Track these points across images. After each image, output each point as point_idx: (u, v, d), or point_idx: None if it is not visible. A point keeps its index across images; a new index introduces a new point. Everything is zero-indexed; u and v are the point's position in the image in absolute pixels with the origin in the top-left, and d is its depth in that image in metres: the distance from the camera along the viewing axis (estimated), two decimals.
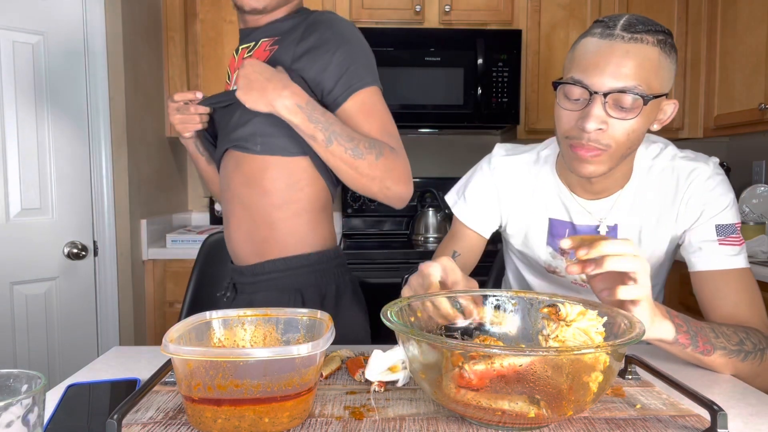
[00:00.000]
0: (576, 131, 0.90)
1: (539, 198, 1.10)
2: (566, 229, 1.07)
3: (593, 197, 1.04)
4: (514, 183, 1.12)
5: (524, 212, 1.12)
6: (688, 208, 0.99)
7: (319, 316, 0.75)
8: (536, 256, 1.13)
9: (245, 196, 1.13)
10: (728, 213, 0.97)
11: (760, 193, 2.54)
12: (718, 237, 0.96)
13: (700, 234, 0.98)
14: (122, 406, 0.61)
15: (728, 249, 0.95)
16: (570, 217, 1.07)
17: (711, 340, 0.83)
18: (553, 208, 1.08)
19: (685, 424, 0.66)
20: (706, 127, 2.67)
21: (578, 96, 0.88)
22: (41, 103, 1.96)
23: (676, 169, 1.00)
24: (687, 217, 1.00)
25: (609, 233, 1.04)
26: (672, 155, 1.02)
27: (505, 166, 1.12)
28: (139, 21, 2.33)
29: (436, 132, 2.91)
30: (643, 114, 0.87)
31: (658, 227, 1.02)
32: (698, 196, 0.98)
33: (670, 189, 1.01)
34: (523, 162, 1.12)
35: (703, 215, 0.98)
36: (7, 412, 0.44)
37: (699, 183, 0.98)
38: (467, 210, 1.15)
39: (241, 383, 0.60)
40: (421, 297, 0.76)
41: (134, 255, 2.28)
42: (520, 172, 1.11)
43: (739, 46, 2.42)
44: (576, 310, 0.71)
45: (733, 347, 0.84)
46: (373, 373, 0.74)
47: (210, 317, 0.75)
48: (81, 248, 2.08)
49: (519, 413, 0.59)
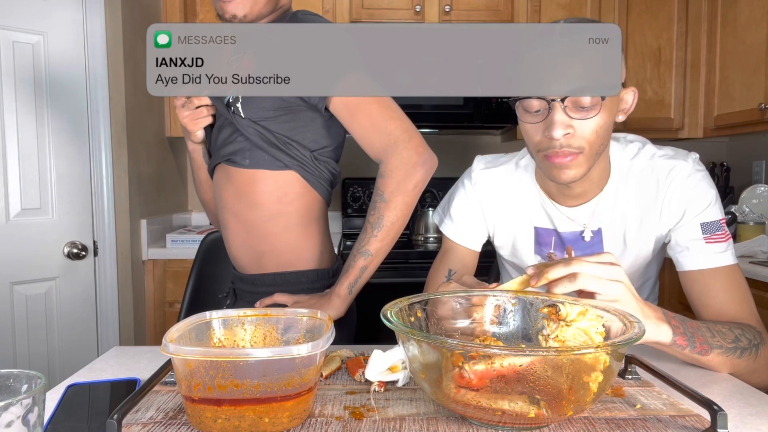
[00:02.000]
0: (546, 142, 0.90)
1: (523, 207, 1.10)
2: (552, 237, 1.07)
3: (574, 203, 1.04)
4: (497, 195, 1.12)
5: (510, 222, 1.12)
6: (671, 207, 0.99)
7: (319, 316, 0.75)
8: (525, 264, 1.13)
9: (237, 208, 1.14)
10: (712, 210, 0.97)
11: (760, 193, 2.54)
12: (704, 235, 0.96)
13: (686, 233, 0.98)
14: (122, 406, 0.61)
15: (715, 247, 0.95)
16: (554, 224, 1.07)
17: (708, 340, 0.83)
18: (537, 217, 1.08)
19: (685, 424, 0.66)
20: (706, 127, 2.67)
21: (538, 107, 0.90)
22: (41, 103, 1.96)
23: (656, 169, 1.00)
24: (670, 217, 1.00)
25: (594, 238, 1.04)
26: (651, 154, 1.01)
27: (486, 179, 1.12)
28: (139, 21, 2.32)
29: (436, 132, 2.91)
30: (605, 108, 0.88)
31: (642, 228, 1.02)
32: (680, 196, 0.98)
33: (651, 189, 1.00)
34: (503, 173, 1.12)
35: (686, 214, 0.98)
36: (7, 412, 0.44)
37: (679, 181, 0.98)
38: (454, 228, 1.16)
39: (241, 383, 0.60)
40: (423, 296, 0.76)
41: (134, 255, 2.28)
42: (501, 183, 1.11)
43: (739, 46, 2.42)
44: (576, 310, 0.71)
45: (729, 345, 0.85)
46: (373, 373, 0.74)
47: (210, 317, 0.75)
48: (81, 248, 2.08)
49: (519, 413, 0.59)
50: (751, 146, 2.84)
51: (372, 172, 3.31)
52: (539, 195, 1.07)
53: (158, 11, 2.54)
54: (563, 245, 1.06)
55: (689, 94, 2.70)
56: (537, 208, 1.08)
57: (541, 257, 1.09)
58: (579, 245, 1.05)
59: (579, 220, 1.04)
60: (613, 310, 0.71)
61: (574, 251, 1.03)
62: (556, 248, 1.07)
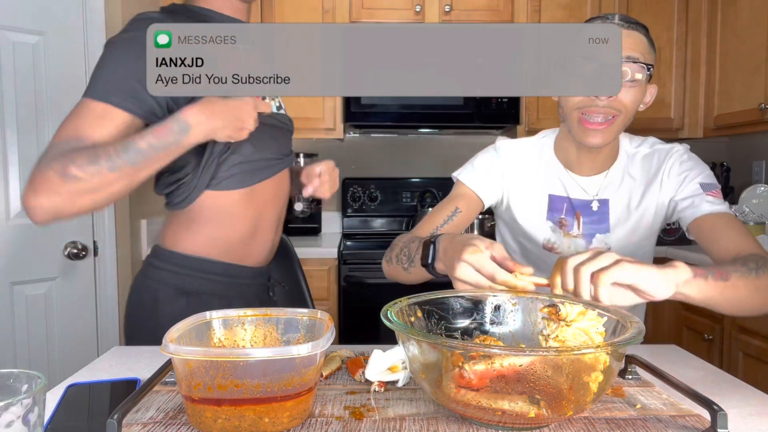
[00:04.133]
0: (588, 101, 1.02)
1: (541, 175, 1.19)
2: (564, 204, 1.18)
3: (587, 174, 1.16)
4: (519, 161, 1.20)
5: (527, 188, 1.20)
6: (671, 176, 1.13)
7: (319, 316, 0.75)
8: (536, 232, 1.21)
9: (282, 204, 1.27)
10: (709, 176, 1.12)
11: (760, 193, 2.54)
12: (704, 191, 1.09)
13: (688, 191, 1.11)
14: (122, 406, 0.61)
15: (715, 199, 1.08)
16: (567, 192, 1.18)
17: (725, 268, 0.88)
18: (552, 185, 1.19)
19: (685, 424, 0.66)
20: (706, 127, 2.67)
21: None
22: (41, 103, 1.96)
23: (657, 152, 1.16)
24: (670, 184, 1.13)
25: (601, 207, 1.16)
26: (652, 143, 1.18)
27: (510, 147, 1.22)
28: None
29: (436, 132, 2.90)
30: (642, 86, 1.04)
31: (644, 198, 1.15)
32: (679, 166, 1.13)
33: (653, 166, 1.16)
34: (525, 144, 1.22)
35: (686, 179, 1.11)
36: (7, 412, 0.44)
37: (678, 156, 1.14)
38: (473, 174, 1.21)
39: (241, 383, 0.60)
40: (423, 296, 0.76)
41: (134, 255, 2.28)
42: (525, 151, 1.21)
43: (739, 46, 2.42)
44: (576, 310, 0.71)
45: (743, 268, 0.90)
46: (373, 373, 0.74)
47: (210, 317, 0.75)
48: (81, 248, 2.07)
49: (519, 413, 0.59)
50: (751, 146, 2.84)
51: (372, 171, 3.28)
52: (556, 164, 1.19)
53: None
54: (573, 211, 1.17)
55: (689, 94, 2.70)
56: (553, 176, 1.19)
57: (552, 223, 1.19)
58: (587, 211, 1.17)
59: (590, 190, 1.16)
60: (614, 310, 0.71)
61: (582, 218, 1.17)
62: (567, 214, 1.18)
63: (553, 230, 1.19)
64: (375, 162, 2.98)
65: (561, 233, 1.18)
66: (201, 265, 1.11)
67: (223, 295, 1.14)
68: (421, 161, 2.98)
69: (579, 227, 1.17)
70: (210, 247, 1.12)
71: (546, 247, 1.20)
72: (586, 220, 1.16)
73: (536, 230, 1.20)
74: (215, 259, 1.12)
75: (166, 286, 1.11)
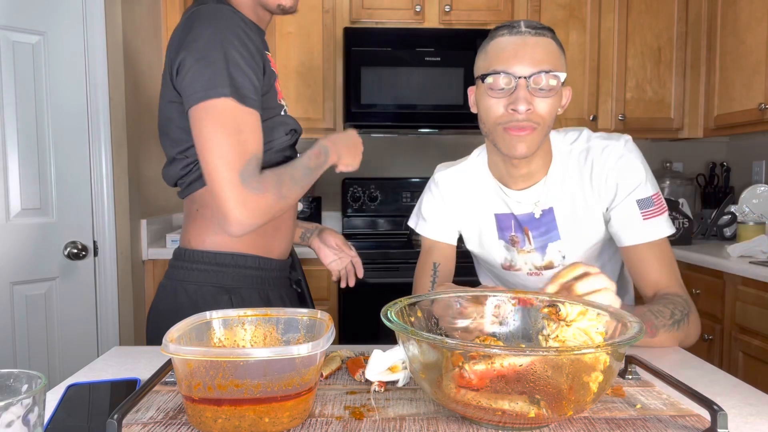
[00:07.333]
0: (507, 116, 1.00)
1: (482, 196, 1.18)
2: (511, 221, 1.16)
3: (523, 185, 1.12)
4: (458, 190, 1.20)
5: (473, 213, 1.20)
6: (606, 185, 1.08)
7: (319, 316, 0.75)
8: (492, 255, 1.21)
9: None
10: (645, 187, 1.07)
11: (760, 193, 2.54)
12: (642, 211, 1.06)
13: (623, 210, 1.07)
14: (122, 406, 0.60)
15: (652, 222, 1.06)
16: (510, 208, 1.15)
17: (654, 323, 0.95)
18: (495, 204, 1.17)
19: (685, 424, 0.66)
20: (706, 127, 2.67)
21: (504, 85, 0.99)
22: (41, 103, 1.96)
23: (591, 150, 1.10)
24: (606, 193, 1.09)
25: (546, 216, 1.13)
26: (587, 137, 1.12)
27: (446, 178, 1.22)
28: (139, 21, 2.33)
29: (436, 132, 2.90)
30: (557, 94, 1.02)
31: (588, 205, 1.11)
32: (613, 173, 1.07)
33: (587, 168, 1.10)
34: (461, 170, 1.21)
35: (619, 191, 1.07)
36: (7, 412, 0.44)
37: (612, 160, 1.07)
38: (428, 226, 1.23)
39: (241, 383, 0.60)
40: (424, 296, 0.76)
41: (134, 255, 2.28)
42: (461, 179, 1.20)
43: (739, 46, 2.42)
44: (576, 310, 0.71)
45: (669, 322, 0.96)
46: (373, 373, 0.74)
47: (210, 317, 0.75)
48: (81, 248, 2.07)
49: (519, 413, 0.59)
50: (751, 146, 2.84)
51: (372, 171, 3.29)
52: (493, 182, 1.16)
53: (159, 11, 2.54)
54: (521, 227, 1.15)
55: (689, 94, 2.70)
56: (493, 195, 1.17)
57: (504, 242, 1.18)
58: (533, 224, 1.14)
59: (529, 202, 1.13)
60: (613, 310, 0.71)
61: (531, 231, 1.14)
62: (516, 231, 1.16)
63: (507, 249, 1.19)
64: (375, 162, 2.98)
65: (515, 251, 1.17)
66: (235, 260, 1.12)
67: (260, 288, 1.15)
68: (421, 161, 2.98)
69: (530, 242, 1.15)
70: (236, 241, 1.11)
71: (504, 267, 1.20)
72: (535, 233, 1.14)
73: (492, 252, 1.21)
74: (247, 252, 1.13)
75: (205, 285, 1.11)
